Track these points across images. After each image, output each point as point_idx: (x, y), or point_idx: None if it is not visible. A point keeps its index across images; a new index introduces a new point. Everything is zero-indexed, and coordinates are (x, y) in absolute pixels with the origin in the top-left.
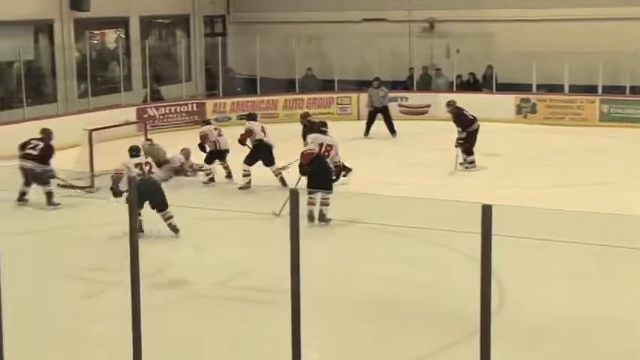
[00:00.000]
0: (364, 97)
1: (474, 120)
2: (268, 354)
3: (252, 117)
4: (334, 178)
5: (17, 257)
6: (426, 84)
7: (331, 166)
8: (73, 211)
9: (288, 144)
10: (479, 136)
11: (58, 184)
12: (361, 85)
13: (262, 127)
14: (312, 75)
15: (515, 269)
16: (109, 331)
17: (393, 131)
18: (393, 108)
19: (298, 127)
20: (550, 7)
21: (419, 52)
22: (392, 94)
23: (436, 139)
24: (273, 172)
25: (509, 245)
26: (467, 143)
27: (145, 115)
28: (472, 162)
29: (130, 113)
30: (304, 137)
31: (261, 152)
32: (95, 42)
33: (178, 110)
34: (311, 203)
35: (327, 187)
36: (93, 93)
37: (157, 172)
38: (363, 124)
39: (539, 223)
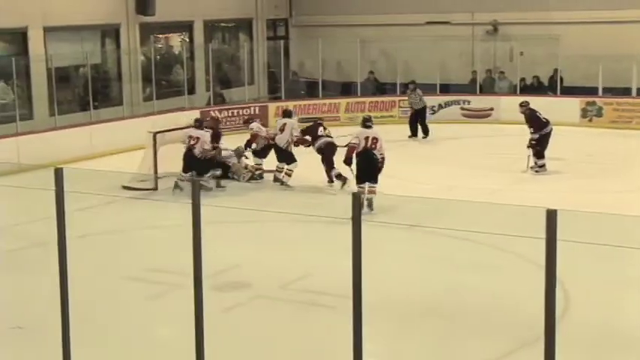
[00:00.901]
0: (427, 100)
1: (547, 123)
2: (330, 359)
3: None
4: (380, 168)
5: (82, 259)
6: (488, 87)
7: (378, 157)
8: (136, 212)
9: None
10: (550, 140)
11: (123, 186)
12: (424, 89)
13: (282, 126)
14: (374, 78)
15: (581, 275)
16: (173, 333)
17: (426, 132)
18: (455, 111)
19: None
20: (617, 9)
21: (482, 54)
22: (454, 97)
23: (499, 143)
24: (280, 169)
25: (574, 251)
26: (538, 146)
27: (208, 119)
28: (542, 166)
29: (194, 116)
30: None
31: (276, 151)
32: (160, 46)
33: (241, 113)
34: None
35: (374, 178)
36: (157, 96)
37: (199, 148)
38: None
39: (605, 228)
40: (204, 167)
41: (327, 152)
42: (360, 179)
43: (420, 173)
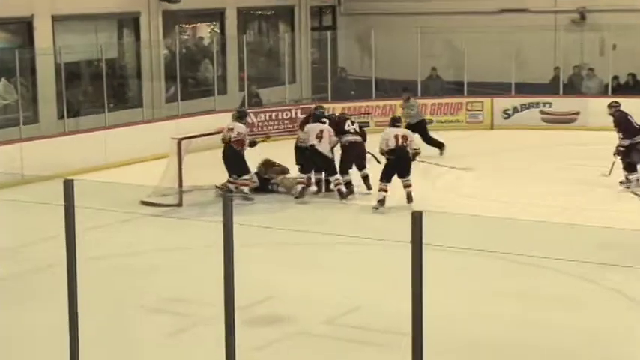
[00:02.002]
0: (499, 102)
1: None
2: None
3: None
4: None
5: (95, 285)
6: (574, 87)
7: (410, 152)
8: (157, 232)
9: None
10: None
11: (142, 202)
12: (497, 89)
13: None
14: (437, 76)
15: None
16: None
17: (438, 146)
18: (534, 115)
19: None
20: None
21: (566, 48)
22: (533, 99)
23: (585, 154)
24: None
25: None
26: (627, 158)
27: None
28: (636, 181)
29: (225, 120)
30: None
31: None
32: (186, 38)
33: (280, 117)
34: (383, 190)
35: (407, 173)
36: (183, 96)
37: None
38: (497, 133)
39: None
40: (244, 167)
41: (350, 153)
42: (391, 173)
43: (489, 189)
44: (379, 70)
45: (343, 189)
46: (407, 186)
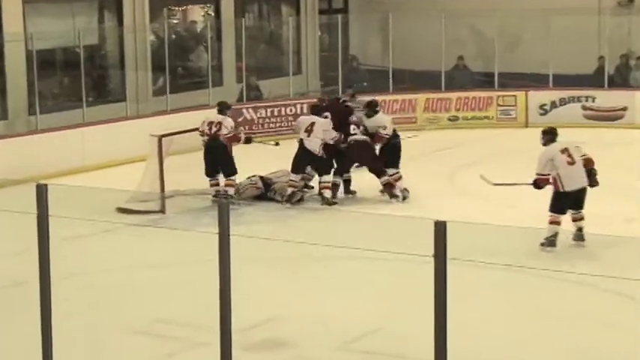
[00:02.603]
0: (535, 96)
1: None
2: None
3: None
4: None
5: (72, 306)
6: (622, 78)
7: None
8: (142, 243)
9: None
10: None
11: (118, 208)
12: (532, 81)
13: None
14: (465, 66)
15: None
16: None
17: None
18: (574, 111)
19: (444, 137)
20: None
21: (613, 34)
22: (573, 92)
23: (633, 155)
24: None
25: None
26: None
27: (240, 119)
28: None
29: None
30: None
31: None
32: (176, 22)
33: (284, 113)
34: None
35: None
36: (172, 89)
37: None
38: (532, 132)
39: None
40: (229, 167)
41: (355, 153)
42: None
43: (523, 195)
44: (397, 59)
45: (327, 193)
46: (398, 179)
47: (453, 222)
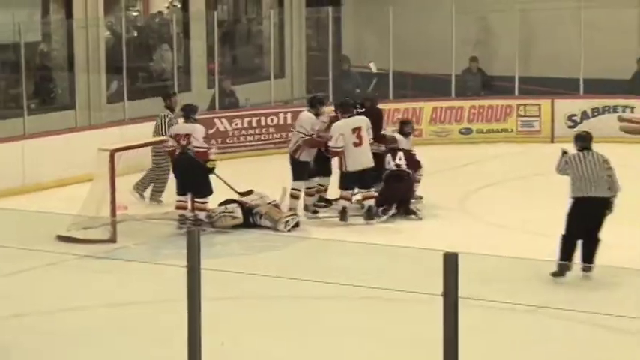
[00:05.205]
0: (562, 105)
1: None
2: None
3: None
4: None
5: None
6: None
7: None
8: (95, 279)
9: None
10: None
11: (59, 236)
12: (559, 87)
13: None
14: (479, 69)
15: None
16: None
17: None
18: (609, 122)
19: (455, 153)
20: None
21: None
22: (608, 101)
23: None
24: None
25: None
26: None
27: (212, 131)
28: None
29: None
30: None
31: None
32: (135, 15)
33: (264, 123)
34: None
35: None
36: (131, 95)
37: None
38: (557, 147)
39: None
40: (200, 187)
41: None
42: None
43: (541, 219)
44: (398, 60)
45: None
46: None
47: (466, 254)
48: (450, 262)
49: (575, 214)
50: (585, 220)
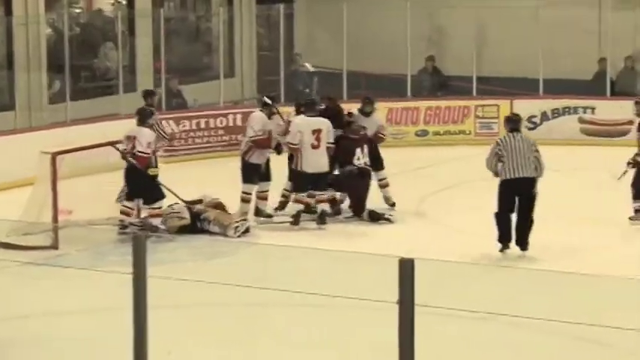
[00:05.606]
0: (522, 106)
1: None
2: None
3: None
4: None
5: None
6: (626, 85)
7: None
8: (35, 288)
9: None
10: None
11: None
12: (518, 87)
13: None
14: (435, 68)
15: None
16: None
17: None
18: (570, 124)
19: (411, 156)
20: None
21: (616, 31)
22: (569, 102)
23: None
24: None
25: None
26: None
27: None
28: (638, 211)
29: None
30: None
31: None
32: (78, 11)
33: (213, 125)
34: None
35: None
36: (74, 95)
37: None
38: None
39: None
40: (150, 192)
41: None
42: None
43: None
44: (352, 59)
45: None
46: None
47: (423, 259)
48: (406, 268)
49: (506, 193)
50: (514, 198)
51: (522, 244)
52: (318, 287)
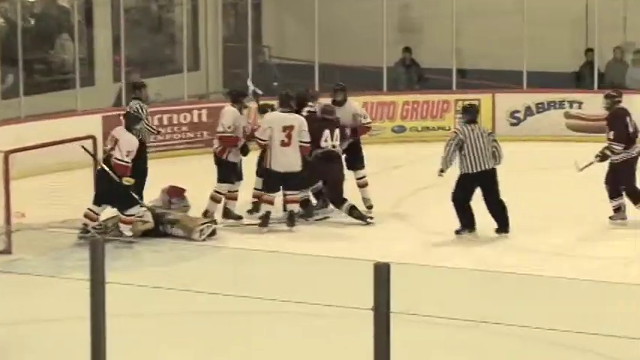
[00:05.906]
0: (504, 100)
1: (634, 139)
2: None
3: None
4: None
5: None
6: (615, 78)
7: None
8: None
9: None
10: None
11: None
12: (501, 80)
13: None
14: (412, 61)
15: None
16: None
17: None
18: (556, 119)
19: (388, 153)
20: None
21: (604, 19)
22: (554, 96)
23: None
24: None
25: None
26: (613, 174)
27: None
28: (618, 209)
29: (92, 125)
30: None
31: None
32: (32, 0)
33: (176, 121)
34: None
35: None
36: (27, 90)
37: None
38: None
39: None
40: (123, 199)
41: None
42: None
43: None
44: (325, 51)
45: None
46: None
47: (399, 264)
48: (381, 273)
49: (467, 186)
50: (474, 190)
51: (504, 228)
52: (288, 293)
